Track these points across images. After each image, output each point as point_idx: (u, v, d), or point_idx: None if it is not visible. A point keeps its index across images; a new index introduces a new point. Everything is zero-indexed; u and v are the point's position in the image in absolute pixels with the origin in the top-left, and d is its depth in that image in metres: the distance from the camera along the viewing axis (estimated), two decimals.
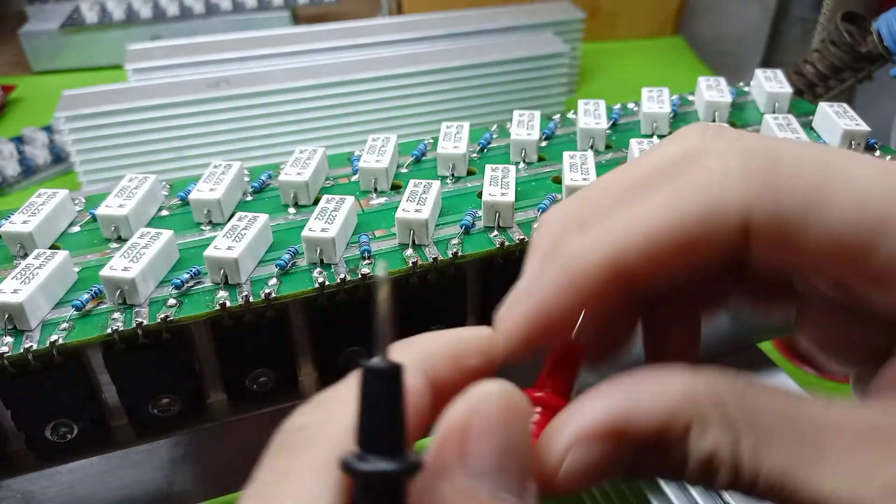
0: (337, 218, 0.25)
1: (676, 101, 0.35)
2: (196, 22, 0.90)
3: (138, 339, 0.22)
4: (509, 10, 0.80)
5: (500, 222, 0.25)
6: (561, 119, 0.33)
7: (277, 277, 0.24)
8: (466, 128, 0.30)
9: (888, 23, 0.46)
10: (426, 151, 0.30)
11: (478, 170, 0.29)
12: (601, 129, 0.31)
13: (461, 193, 0.28)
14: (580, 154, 0.28)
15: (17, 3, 1.05)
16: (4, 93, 0.82)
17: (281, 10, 0.93)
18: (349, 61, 0.69)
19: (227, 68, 0.70)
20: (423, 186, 0.26)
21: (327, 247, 0.24)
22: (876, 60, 0.48)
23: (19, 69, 0.91)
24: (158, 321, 0.22)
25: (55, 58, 0.89)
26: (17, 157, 0.68)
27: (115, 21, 0.88)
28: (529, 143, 0.30)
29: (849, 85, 0.50)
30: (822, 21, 0.64)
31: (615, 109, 0.34)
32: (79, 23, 0.88)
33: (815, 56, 0.51)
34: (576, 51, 0.80)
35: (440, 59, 0.68)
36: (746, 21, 0.89)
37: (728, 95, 0.33)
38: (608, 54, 0.92)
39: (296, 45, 0.73)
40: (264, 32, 0.76)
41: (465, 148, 0.29)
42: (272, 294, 0.23)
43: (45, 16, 0.91)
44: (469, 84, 0.69)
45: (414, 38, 0.75)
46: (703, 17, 0.95)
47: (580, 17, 0.79)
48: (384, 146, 0.28)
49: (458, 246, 0.24)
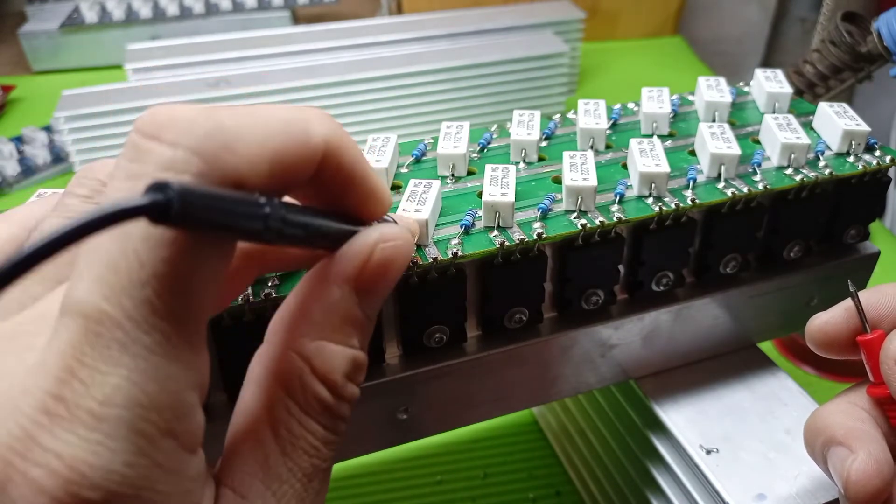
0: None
1: (676, 101, 0.35)
2: (196, 22, 0.90)
3: None
4: (509, 10, 0.80)
5: (500, 222, 0.25)
6: (561, 119, 0.33)
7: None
8: (466, 128, 0.30)
9: (888, 23, 0.46)
10: (426, 151, 0.30)
11: (478, 170, 0.29)
12: (601, 129, 0.31)
13: (461, 193, 0.28)
14: (580, 154, 0.28)
15: (17, 3, 1.05)
16: (4, 93, 0.82)
17: (281, 10, 0.93)
18: (349, 61, 0.69)
19: (227, 68, 0.70)
20: (423, 186, 0.26)
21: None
22: (876, 60, 0.48)
23: (19, 69, 0.91)
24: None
25: (55, 58, 0.89)
26: (16, 157, 0.68)
27: (114, 21, 0.88)
28: (529, 143, 0.30)
29: (849, 85, 0.50)
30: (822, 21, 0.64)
31: (615, 109, 0.34)
32: (78, 23, 0.88)
33: (815, 56, 0.51)
34: (576, 51, 0.80)
35: (440, 59, 0.68)
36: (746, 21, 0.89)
37: (728, 95, 0.33)
38: (608, 54, 0.92)
39: (296, 45, 0.73)
40: (264, 32, 0.76)
41: (465, 148, 0.29)
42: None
43: (45, 16, 0.91)
44: (469, 84, 0.69)
45: (414, 38, 0.75)
46: (703, 16, 0.95)
47: (580, 16, 0.79)
48: (384, 146, 0.28)
49: (458, 246, 0.24)
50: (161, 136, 0.14)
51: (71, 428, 0.13)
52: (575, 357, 0.29)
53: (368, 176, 0.18)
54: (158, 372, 0.14)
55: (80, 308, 0.13)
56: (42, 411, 0.13)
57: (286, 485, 0.16)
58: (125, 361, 0.13)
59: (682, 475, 0.30)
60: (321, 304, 0.17)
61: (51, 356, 0.13)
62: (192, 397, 0.15)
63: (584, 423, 0.39)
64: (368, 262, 0.17)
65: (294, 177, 0.16)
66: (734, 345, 0.33)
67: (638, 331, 0.29)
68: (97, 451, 0.13)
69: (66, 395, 0.13)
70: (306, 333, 0.17)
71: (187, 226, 0.13)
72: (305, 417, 0.17)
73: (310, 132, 0.16)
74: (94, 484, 0.13)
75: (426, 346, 0.26)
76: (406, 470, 0.42)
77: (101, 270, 0.13)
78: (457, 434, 0.44)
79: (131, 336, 0.13)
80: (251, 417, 0.17)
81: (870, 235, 0.32)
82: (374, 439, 0.28)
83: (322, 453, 0.17)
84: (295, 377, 0.17)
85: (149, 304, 0.13)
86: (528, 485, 0.41)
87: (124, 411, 0.13)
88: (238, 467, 0.16)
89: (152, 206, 0.12)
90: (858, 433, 0.23)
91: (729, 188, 0.28)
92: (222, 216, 0.13)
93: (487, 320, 0.27)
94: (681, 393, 0.31)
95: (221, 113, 0.14)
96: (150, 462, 0.13)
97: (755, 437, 0.29)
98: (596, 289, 0.28)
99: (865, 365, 0.24)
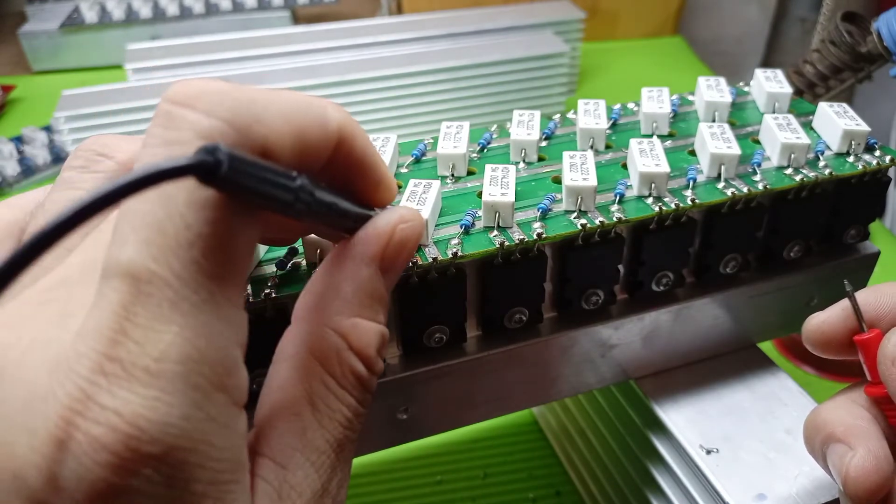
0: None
1: (676, 101, 0.35)
2: (196, 22, 0.90)
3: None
4: (509, 10, 0.80)
5: (499, 222, 0.25)
6: (561, 119, 0.33)
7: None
8: (466, 128, 0.30)
9: (888, 23, 0.46)
10: (426, 151, 0.30)
11: (478, 170, 0.29)
12: (601, 129, 0.31)
13: (461, 193, 0.28)
14: (580, 154, 0.28)
15: (17, 3, 1.05)
16: (4, 93, 0.82)
17: (281, 10, 0.93)
18: (349, 61, 0.69)
19: (227, 68, 0.70)
20: (422, 186, 0.26)
21: None
22: (876, 60, 0.48)
23: (19, 69, 0.91)
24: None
25: (55, 58, 0.89)
26: (16, 157, 0.68)
27: (114, 21, 0.88)
28: (529, 143, 0.30)
29: (849, 85, 0.50)
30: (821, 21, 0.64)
31: (615, 109, 0.34)
32: (78, 22, 0.88)
33: (815, 56, 0.51)
34: (576, 51, 0.80)
35: (440, 59, 0.68)
36: (746, 21, 0.89)
37: (728, 95, 0.33)
38: (608, 54, 0.92)
39: (296, 45, 0.73)
40: (264, 32, 0.76)
41: (465, 148, 0.29)
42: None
43: (45, 16, 0.91)
44: (469, 84, 0.69)
45: (414, 38, 0.75)
46: (703, 17, 0.95)
47: (580, 17, 0.79)
48: (384, 146, 0.28)
49: (457, 246, 0.24)
50: (196, 105, 0.14)
51: (128, 386, 0.13)
52: (575, 357, 0.29)
53: (378, 164, 0.19)
54: (207, 328, 0.14)
55: (128, 269, 0.13)
56: (99, 372, 0.13)
57: (324, 455, 0.17)
58: (176, 319, 0.14)
59: (682, 475, 0.30)
60: (352, 283, 0.18)
61: (101, 318, 0.13)
62: (237, 353, 0.15)
63: (584, 423, 0.39)
64: (391, 241, 0.18)
65: (313, 158, 0.16)
66: (734, 345, 0.33)
67: (638, 331, 0.29)
68: (154, 406, 0.13)
69: (122, 354, 0.13)
70: (341, 311, 0.18)
71: (231, 188, 0.14)
72: (342, 391, 0.18)
73: (327, 117, 0.16)
74: (154, 438, 0.13)
75: (426, 346, 0.26)
76: (406, 470, 0.42)
77: (147, 233, 0.13)
78: (457, 434, 0.44)
79: (181, 295, 0.14)
80: (287, 392, 0.17)
81: (870, 235, 0.32)
82: (374, 439, 0.28)
83: (354, 425, 0.18)
84: (332, 353, 0.17)
85: (196, 264, 0.14)
86: (528, 485, 0.41)
87: (178, 366, 0.13)
88: (276, 439, 0.17)
89: (203, 165, 0.13)
90: (857, 430, 0.23)
91: (729, 188, 0.28)
92: (261, 183, 0.14)
93: (487, 320, 0.27)
94: (681, 393, 0.31)
95: (249, 89, 0.15)
96: (205, 415, 0.14)
97: (755, 437, 0.29)
98: (596, 289, 0.28)
99: (863, 365, 0.24)
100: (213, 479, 0.14)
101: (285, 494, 0.16)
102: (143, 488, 0.13)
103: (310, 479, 0.17)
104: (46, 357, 0.14)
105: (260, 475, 0.16)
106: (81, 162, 0.19)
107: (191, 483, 0.14)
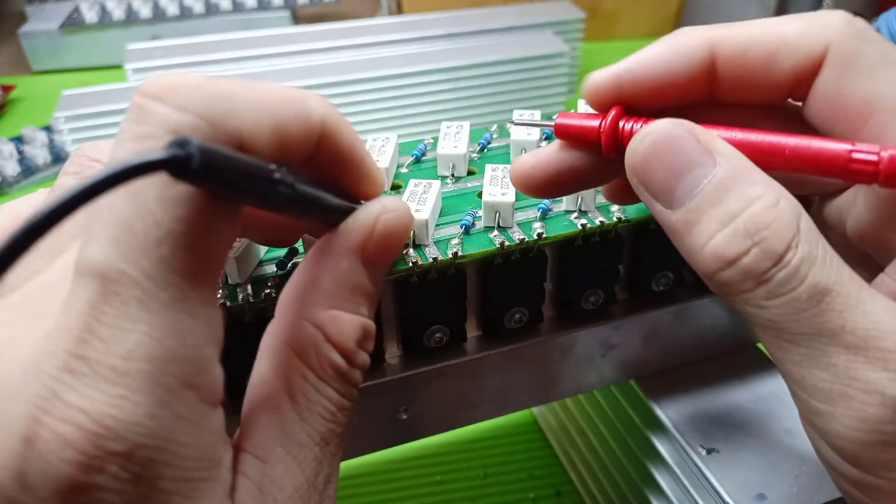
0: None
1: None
2: (196, 22, 0.90)
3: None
4: (509, 10, 0.80)
5: (500, 222, 0.25)
6: None
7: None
8: (466, 128, 0.30)
9: (888, 23, 0.46)
10: (426, 151, 0.30)
11: (478, 170, 0.29)
12: None
13: (461, 193, 0.28)
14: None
15: (17, 3, 1.05)
16: (4, 92, 0.82)
17: (281, 10, 0.93)
18: (349, 61, 0.69)
19: (227, 68, 0.70)
20: (423, 186, 0.26)
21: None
22: None
23: (19, 69, 0.91)
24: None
25: (55, 57, 0.89)
26: (16, 157, 0.68)
27: (114, 21, 0.88)
28: (529, 144, 0.30)
29: None
30: None
31: None
32: (78, 22, 0.88)
33: None
34: (576, 51, 0.80)
35: (440, 59, 0.68)
36: None
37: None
38: (608, 54, 0.92)
39: (296, 45, 0.73)
40: (264, 32, 0.76)
41: (465, 148, 0.29)
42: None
43: (45, 15, 0.91)
44: (469, 84, 0.69)
45: (414, 38, 0.75)
46: (703, 17, 0.95)
47: (580, 17, 0.79)
48: (384, 146, 0.28)
49: (458, 246, 0.24)
50: (167, 99, 0.14)
51: (94, 384, 0.13)
52: (575, 357, 0.29)
53: (364, 157, 0.18)
54: (177, 327, 0.14)
55: (96, 268, 0.13)
56: (65, 370, 0.13)
57: (305, 448, 0.17)
58: (144, 318, 0.13)
59: (682, 475, 0.30)
60: (331, 275, 0.18)
61: (70, 317, 0.13)
62: (210, 351, 0.15)
63: (584, 423, 0.39)
64: (373, 232, 0.18)
65: (293, 152, 0.16)
66: (734, 345, 0.33)
67: (638, 331, 0.29)
68: (121, 404, 0.13)
69: (88, 353, 0.13)
70: (318, 303, 0.18)
71: (204, 183, 0.13)
72: (321, 383, 0.17)
73: (309, 109, 0.16)
74: (119, 436, 0.13)
75: (426, 346, 0.26)
76: (406, 470, 0.42)
77: (116, 231, 0.13)
78: (457, 434, 0.44)
79: (150, 293, 0.14)
80: (268, 386, 0.17)
81: None
82: (374, 439, 0.28)
83: (337, 418, 0.18)
84: (309, 345, 0.17)
85: (166, 262, 0.14)
86: (528, 485, 0.41)
87: (146, 365, 0.13)
88: (257, 434, 0.17)
89: (173, 159, 0.13)
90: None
91: None
92: (236, 176, 0.14)
93: (487, 320, 0.27)
94: (681, 393, 0.31)
95: (224, 82, 0.15)
96: (172, 414, 0.14)
97: (755, 437, 0.29)
98: (596, 289, 0.28)
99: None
100: (182, 477, 0.14)
101: (266, 489, 0.16)
102: (110, 486, 0.13)
103: (291, 473, 0.17)
104: (18, 356, 0.14)
105: (241, 470, 0.16)
106: (76, 168, 0.19)
107: (158, 480, 0.14)
